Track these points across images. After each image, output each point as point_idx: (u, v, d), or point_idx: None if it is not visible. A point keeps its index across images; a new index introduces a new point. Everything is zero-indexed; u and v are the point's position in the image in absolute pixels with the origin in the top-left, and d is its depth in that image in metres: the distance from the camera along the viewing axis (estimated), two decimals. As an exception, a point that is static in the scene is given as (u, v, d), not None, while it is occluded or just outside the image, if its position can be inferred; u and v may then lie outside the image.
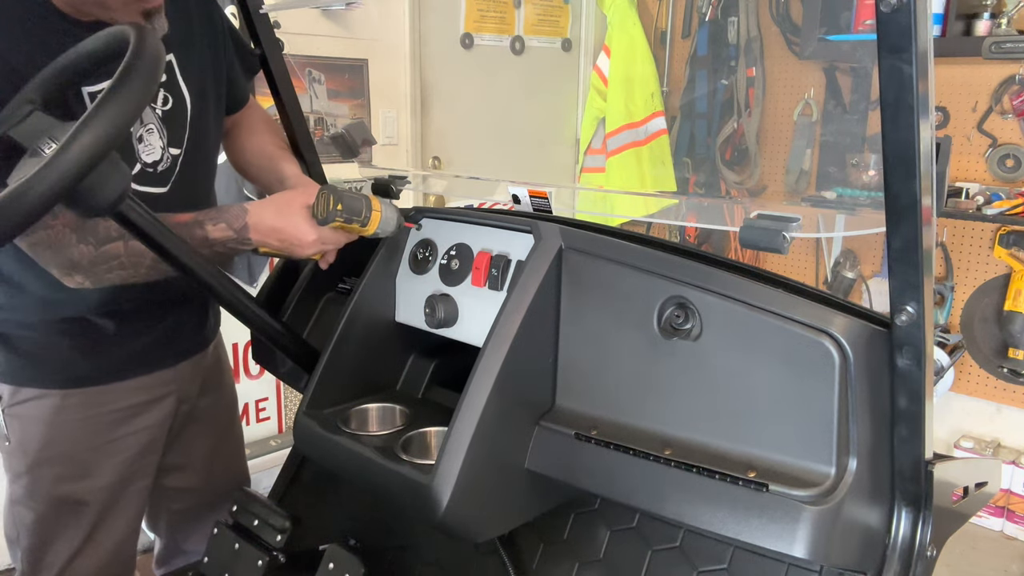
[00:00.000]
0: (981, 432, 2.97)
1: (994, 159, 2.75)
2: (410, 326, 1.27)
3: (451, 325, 1.20)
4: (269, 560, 1.25)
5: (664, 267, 1.00)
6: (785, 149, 3.26)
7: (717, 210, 2.08)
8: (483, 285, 1.16)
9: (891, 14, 0.65)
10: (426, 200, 2.86)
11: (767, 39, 3.24)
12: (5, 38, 1.07)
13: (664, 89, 3.60)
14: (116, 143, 0.87)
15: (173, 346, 1.41)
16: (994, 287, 2.80)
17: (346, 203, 1.15)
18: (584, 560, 1.19)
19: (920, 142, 0.70)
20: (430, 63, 3.19)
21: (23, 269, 1.19)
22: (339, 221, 1.16)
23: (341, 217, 1.15)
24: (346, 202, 1.15)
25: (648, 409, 0.99)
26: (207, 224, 1.16)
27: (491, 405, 1.01)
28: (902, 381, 0.84)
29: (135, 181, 1.22)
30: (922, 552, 0.90)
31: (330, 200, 1.15)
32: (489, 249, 1.17)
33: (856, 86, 3.01)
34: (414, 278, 1.26)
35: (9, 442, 1.32)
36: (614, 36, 3.49)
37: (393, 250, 1.28)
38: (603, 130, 3.57)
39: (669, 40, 3.61)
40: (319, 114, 2.89)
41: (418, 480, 1.03)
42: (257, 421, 2.92)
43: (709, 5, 3.37)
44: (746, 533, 0.88)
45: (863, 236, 3.05)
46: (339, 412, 1.23)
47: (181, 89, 1.28)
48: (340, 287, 1.47)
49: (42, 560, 1.36)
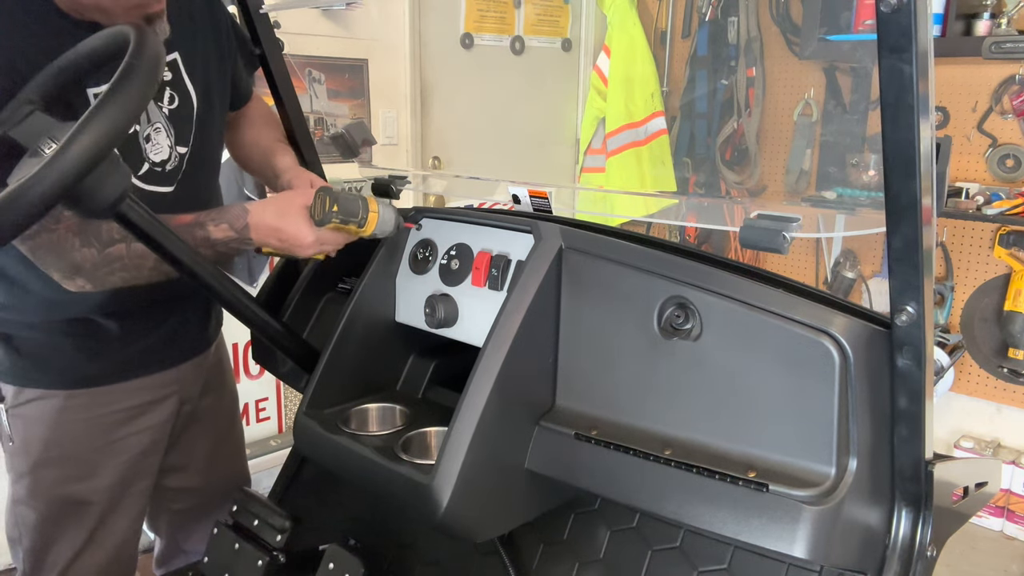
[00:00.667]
0: (981, 432, 2.97)
1: (994, 159, 2.75)
2: (410, 326, 1.27)
3: (451, 325, 1.20)
4: (269, 560, 1.25)
5: (664, 267, 1.00)
6: (785, 149, 3.26)
7: (717, 210, 2.07)
8: (483, 285, 1.16)
9: (891, 14, 0.65)
10: (426, 200, 2.86)
11: (767, 39, 3.24)
12: (6, 38, 1.07)
13: (664, 89, 3.60)
14: (116, 143, 0.87)
15: (176, 346, 1.41)
16: (994, 287, 2.80)
17: (342, 205, 1.15)
18: (584, 560, 1.19)
19: (920, 142, 0.70)
20: (430, 63, 3.19)
21: (27, 270, 1.19)
22: (336, 223, 1.16)
23: (338, 219, 1.15)
24: (342, 204, 1.15)
25: (648, 409, 0.99)
26: (208, 224, 1.16)
27: (491, 405, 1.01)
28: (902, 381, 0.84)
29: (143, 180, 1.23)
30: (922, 552, 0.90)
31: (326, 202, 1.15)
32: (489, 249, 1.17)
33: (856, 86, 3.01)
34: (414, 278, 1.26)
35: (12, 442, 1.32)
36: (614, 36, 3.49)
37: (393, 250, 1.29)
38: (603, 130, 3.57)
39: (669, 40, 3.61)
40: (319, 114, 2.89)
41: (418, 480, 1.03)
42: (257, 421, 2.92)
43: (709, 5, 3.37)
44: (746, 533, 0.88)
45: (863, 236, 3.05)
46: (339, 412, 1.23)
47: (187, 87, 1.28)
48: (340, 287, 1.47)
49: (44, 560, 1.36)
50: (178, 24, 1.22)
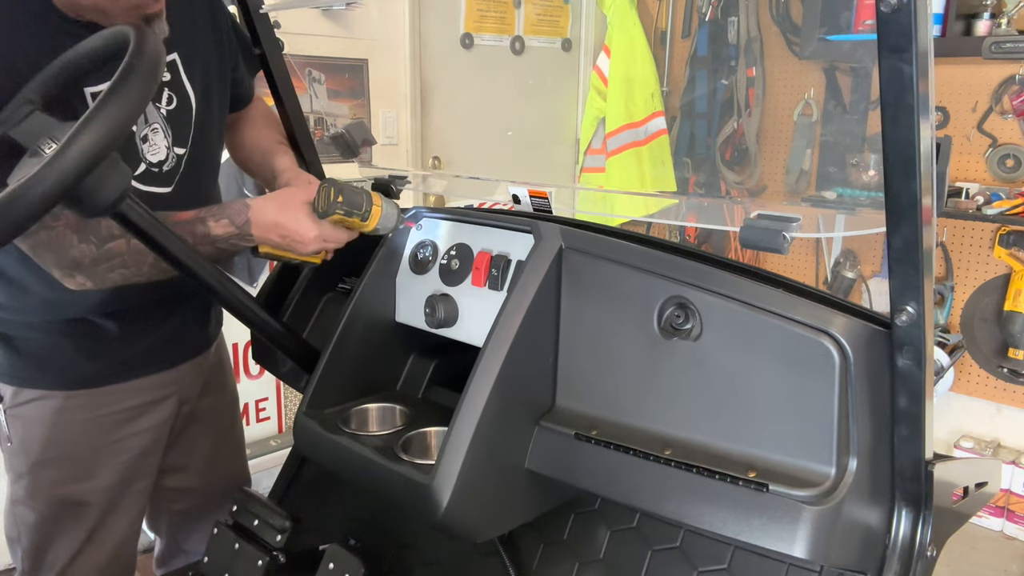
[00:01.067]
0: (981, 432, 2.97)
1: (994, 159, 2.75)
2: (410, 326, 1.27)
3: (451, 325, 1.19)
4: (269, 560, 1.25)
5: (664, 267, 1.00)
6: (785, 149, 3.26)
7: (717, 210, 2.07)
8: (483, 285, 1.16)
9: (891, 14, 0.65)
10: (426, 200, 2.86)
11: (767, 39, 3.24)
12: (5, 38, 1.07)
13: (664, 89, 3.60)
14: (116, 143, 0.87)
15: (175, 347, 1.41)
16: (994, 287, 2.80)
17: (347, 196, 1.15)
18: (584, 560, 1.19)
19: (920, 142, 0.70)
20: (430, 63, 3.19)
21: (26, 270, 1.19)
22: (339, 214, 1.15)
23: (342, 210, 1.14)
24: (347, 195, 1.15)
25: (648, 409, 0.99)
26: (209, 220, 1.16)
27: (491, 405, 1.01)
28: (902, 381, 0.84)
29: (139, 181, 1.22)
30: (922, 552, 0.90)
31: (331, 192, 1.14)
32: (489, 249, 1.17)
33: (856, 86, 3.01)
34: (414, 278, 1.26)
35: (11, 442, 1.32)
36: (614, 36, 3.49)
37: (393, 250, 1.28)
38: (603, 130, 3.57)
39: (669, 40, 3.61)
40: (319, 114, 2.89)
41: (418, 480, 1.03)
42: (257, 421, 2.92)
43: (709, 5, 3.37)
44: (746, 533, 0.88)
45: (863, 236, 3.05)
46: (339, 412, 1.23)
47: (186, 88, 1.28)
48: (340, 287, 1.47)
49: (43, 560, 1.36)
50: (177, 25, 1.22)
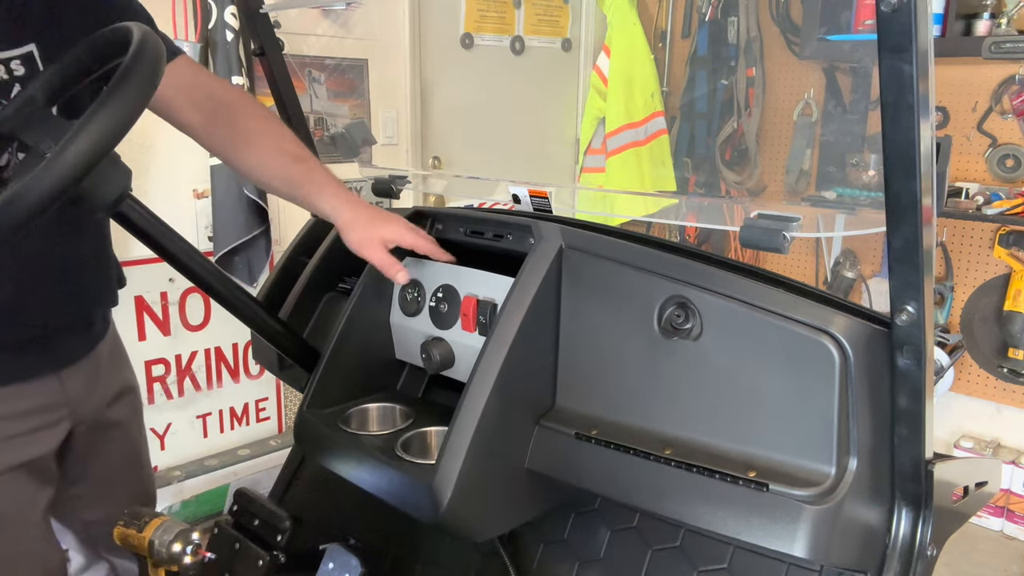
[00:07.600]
0: (981, 432, 2.97)
1: (994, 159, 2.75)
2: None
3: (450, 367, 1.19)
4: (269, 560, 1.25)
5: (664, 267, 1.00)
6: (785, 149, 3.26)
7: (717, 210, 2.07)
8: (473, 331, 1.15)
9: (891, 14, 0.65)
10: (426, 200, 2.86)
11: (767, 39, 3.24)
12: None
13: (664, 89, 3.60)
14: (116, 143, 0.87)
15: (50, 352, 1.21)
16: (994, 287, 2.80)
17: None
18: (584, 560, 1.19)
19: (920, 142, 0.70)
20: (430, 63, 3.19)
21: None
22: None
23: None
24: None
25: (648, 409, 0.99)
26: None
27: (491, 405, 1.01)
28: (902, 381, 0.84)
29: None
30: (922, 552, 0.90)
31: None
32: (474, 294, 1.16)
33: (856, 86, 3.01)
34: (406, 319, 1.25)
35: None
36: (614, 36, 3.48)
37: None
38: (603, 130, 3.57)
39: (669, 40, 3.61)
40: (319, 114, 2.89)
41: (418, 480, 1.03)
42: (257, 421, 2.92)
43: (709, 5, 3.37)
44: (746, 533, 0.88)
45: (863, 236, 3.05)
46: (339, 412, 1.23)
47: None
48: (340, 287, 1.47)
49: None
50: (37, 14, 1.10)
